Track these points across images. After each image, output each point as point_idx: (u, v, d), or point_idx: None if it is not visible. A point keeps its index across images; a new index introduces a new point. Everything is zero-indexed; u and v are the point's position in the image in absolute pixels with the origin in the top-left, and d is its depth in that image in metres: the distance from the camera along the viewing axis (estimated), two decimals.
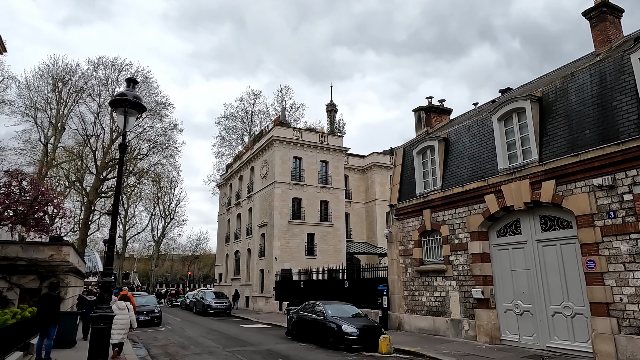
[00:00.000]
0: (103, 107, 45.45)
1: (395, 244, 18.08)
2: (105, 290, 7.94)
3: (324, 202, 34.30)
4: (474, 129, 15.47)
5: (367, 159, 41.35)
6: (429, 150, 17.14)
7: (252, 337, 16.46)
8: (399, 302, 17.39)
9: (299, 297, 26.58)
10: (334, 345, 13.26)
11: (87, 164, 47.97)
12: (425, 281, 16.20)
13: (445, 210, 15.64)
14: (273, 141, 33.17)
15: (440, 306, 15.38)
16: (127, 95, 8.61)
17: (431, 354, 12.11)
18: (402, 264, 17.53)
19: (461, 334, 14.31)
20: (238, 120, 60.28)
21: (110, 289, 8.08)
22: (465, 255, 14.53)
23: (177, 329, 19.98)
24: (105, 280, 8.02)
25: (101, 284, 8.03)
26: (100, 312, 7.67)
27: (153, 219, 68.77)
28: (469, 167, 15.12)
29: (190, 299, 35.96)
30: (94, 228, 56.68)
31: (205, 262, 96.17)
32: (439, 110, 20.42)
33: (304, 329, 15.26)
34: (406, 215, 17.58)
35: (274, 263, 30.99)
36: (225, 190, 47.47)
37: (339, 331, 13.17)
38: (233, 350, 13.13)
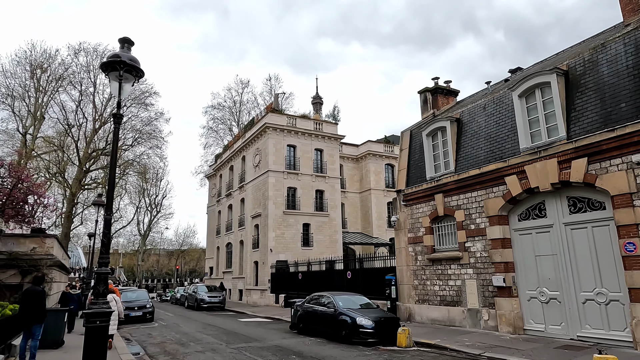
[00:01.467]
0: (85, 95, 43.47)
1: (404, 231, 17.17)
2: (100, 283, 6.78)
3: (320, 191, 33.28)
4: (490, 107, 14.58)
5: (362, 148, 40.41)
6: (440, 131, 16.21)
7: (255, 332, 15.42)
8: (409, 292, 16.53)
9: (296, 289, 25.65)
10: (347, 339, 12.31)
11: (69, 155, 45.98)
12: (438, 269, 15.35)
13: (460, 195, 14.76)
14: (266, 128, 31.92)
15: (456, 295, 14.55)
16: (121, 57, 7.40)
17: (453, 346, 11.26)
18: (412, 252, 16.65)
19: (480, 324, 13.51)
20: (226, 110, 58.68)
21: (107, 281, 6.93)
22: (484, 241, 13.69)
23: (172, 325, 18.82)
24: (102, 271, 6.86)
25: (96, 275, 6.87)
26: (97, 308, 6.53)
27: (139, 212, 66.92)
28: (485, 148, 14.24)
29: (182, 293, 34.72)
30: (77, 222, 54.72)
31: (191, 257, 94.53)
32: (446, 91, 19.49)
33: (312, 322, 14.27)
34: (416, 201, 16.67)
35: (269, 255, 29.91)
36: (215, 181, 46.05)
37: (353, 324, 12.22)
38: (238, 347, 12.07)
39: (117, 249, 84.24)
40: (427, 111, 19.31)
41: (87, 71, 43.31)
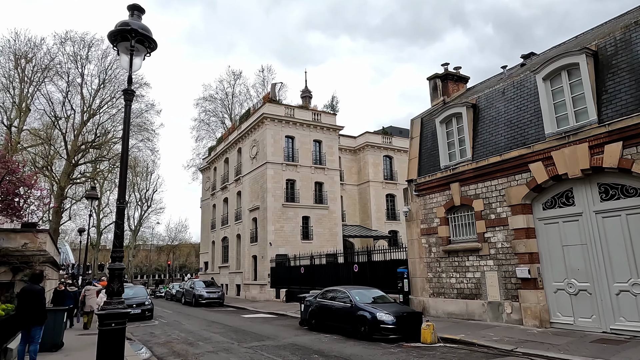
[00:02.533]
0: (72, 85, 41.98)
1: (416, 222, 16.54)
2: (115, 280, 5.97)
3: (319, 183, 32.53)
4: (510, 92, 13.94)
5: (359, 139, 39.71)
6: (455, 118, 15.55)
7: (264, 329, 14.68)
8: (422, 285, 15.94)
9: (299, 283, 24.98)
10: (366, 336, 11.64)
11: (56, 148, 44.48)
12: (455, 261, 14.76)
13: (478, 183, 14.14)
14: (264, 119, 31.00)
15: (474, 288, 13.98)
16: (132, 26, 6.53)
17: (481, 341, 10.67)
18: (425, 244, 16.03)
19: (502, 317, 12.96)
20: (218, 102, 57.45)
21: (122, 278, 6.12)
22: (505, 232, 13.11)
23: (173, 322, 17.99)
24: (116, 267, 6.06)
25: (110, 271, 6.06)
26: (111, 309, 5.73)
27: (129, 207, 65.47)
28: (506, 134, 13.62)
29: (177, 289, 33.82)
30: (65, 217, 53.23)
31: (181, 252, 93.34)
32: (456, 78, 18.85)
33: (326, 318, 13.58)
34: (429, 191, 16.03)
35: (268, 248, 29.14)
36: (209, 174, 44.98)
37: (373, 320, 11.55)
38: (252, 346, 11.33)
39: (105, 244, 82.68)
40: (437, 98, 18.64)
41: (74, 61, 41.85)
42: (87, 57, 42.27)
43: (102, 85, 42.71)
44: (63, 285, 16.01)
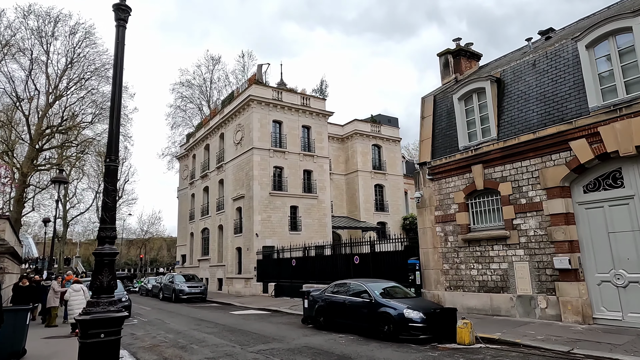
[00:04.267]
0: (36, 63, 38.55)
1: (429, 209, 15.07)
2: (104, 271, 4.11)
3: (307, 171, 30.76)
4: (543, 63, 12.57)
5: (347, 127, 38.14)
6: (476, 94, 14.11)
7: (264, 329, 12.91)
8: (437, 278, 14.51)
9: (290, 277, 23.28)
10: (391, 336, 10.06)
11: (18, 131, 40.94)
12: (476, 251, 13.37)
13: (505, 165, 12.75)
14: (250, 101, 28.91)
15: (500, 280, 12.63)
16: None
17: (525, 341, 9.28)
18: (440, 233, 14.59)
19: (534, 313, 11.64)
20: (195, 88, 54.66)
21: (113, 267, 4.27)
22: (539, 217, 11.77)
23: (155, 321, 15.95)
24: (106, 252, 4.20)
25: (97, 256, 4.19)
26: (100, 312, 3.90)
27: (98, 198, 61.86)
28: (538, 110, 12.25)
29: (153, 284, 31.45)
30: (27, 208, 49.50)
31: (152, 246, 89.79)
32: (469, 54, 17.44)
33: (337, 315, 11.93)
34: (445, 174, 14.57)
35: (254, 240, 27.21)
36: (187, 162, 42.43)
37: (400, 318, 9.97)
38: (259, 350, 9.56)
39: (71, 238, 78.32)
40: (448, 76, 17.18)
41: (38, 37, 38.39)
42: (53, 34, 38.90)
43: (69, 65, 39.46)
44: (27, 280, 13.72)
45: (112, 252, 4.17)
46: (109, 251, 4.15)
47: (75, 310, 12.16)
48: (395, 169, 39.11)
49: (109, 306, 3.98)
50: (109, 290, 4.06)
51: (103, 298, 4.02)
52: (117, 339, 4.00)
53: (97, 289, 4.04)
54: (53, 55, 40.52)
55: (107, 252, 4.14)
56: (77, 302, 12.43)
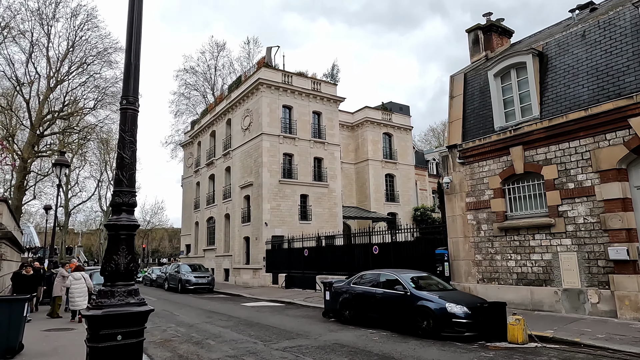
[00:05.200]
0: (36, 46, 37.29)
1: (459, 195, 13.96)
2: (120, 249, 3.02)
3: (318, 159, 29.61)
4: (594, 33, 11.37)
5: (357, 115, 36.90)
6: (515, 70, 12.92)
7: (283, 322, 11.87)
8: (468, 270, 13.44)
9: (302, 267, 22.26)
10: (431, 333, 9.00)
11: (19, 117, 39.82)
12: (514, 241, 12.27)
13: (550, 146, 11.60)
14: (259, 85, 27.68)
15: (543, 272, 11.54)
16: None
17: (585, 340, 8.22)
18: (472, 221, 13.49)
19: (583, 308, 10.56)
20: (200, 75, 53.37)
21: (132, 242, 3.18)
22: (590, 203, 10.64)
23: (163, 313, 14.95)
24: (121, 222, 3.12)
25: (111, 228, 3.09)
26: (115, 305, 2.81)
27: (100, 187, 60.95)
28: (590, 85, 11.07)
29: (158, 274, 30.52)
30: (29, 196, 48.58)
31: (153, 237, 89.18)
32: (500, 30, 16.19)
33: (366, 309, 10.86)
34: (479, 157, 13.43)
35: (263, 229, 26.15)
36: (192, 149, 41.28)
37: (442, 313, 8.90)
38: (284, 347, 8.50)
39: (73, 228, 77.51)
40: (478, 53, 15.95)
41: (39, 19, 37.09)
42: (54, 16, 37.60)
43: (71, 48, 38.18)
44: (31, 269, 12.74)
45: (131, 224, 3.10)
46: (127, 222, 3.06)
47: (76, 299, 12.06)
48: (407, 158, 37.93)
49: (127, 297, 2.91)
50: (127, 275, 2.98)
51: (119, 286, 2.95)
52: (139, 342, 2.93)
53: (111, 274, 2.96)
54: (54, 39, 39.39)
55: (124, 223, 3.05)
56: (78, 291, 12.25)
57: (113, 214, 3.13)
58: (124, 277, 2.98)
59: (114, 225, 3.04)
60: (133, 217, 3.15)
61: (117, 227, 3.04)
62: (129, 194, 3.15)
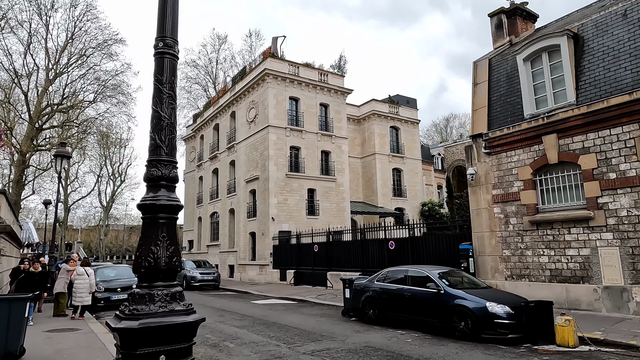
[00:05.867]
0: (35, 37, 36.36)
1: (485, 187, 13.20)
2: (156, 235, 2.23)
3: (325, 152, 28.82)
4: (638, 12, 10.57)
5: (364, 108, 36.07)
6: (546, 53, 12.13)
7: (301, 322, 11.12)
8: (494, 266, 12.70)
9: (311, 264, 21.55)
10: (470, 335, 8.26)
11: (17, 109, 38.93)
12: (548, 235, 11.52)
13: (588, 133, 10.84)
14: (266, 76, 26.83)
15: (580, 269, 10.80)
16: None
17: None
18: (499, 214, 12.73)
19: (627, 307, 9.83)
20: (201, 68, 52.41)
21: (174, 228, 2.41)
22: (635, 195, 9.89)
23: None
24: (161, 201, 2.33)
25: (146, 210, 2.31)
26: (158, 315, 2.07)
27: (100, 182, 60.08)
28: (632, 68, 10.30)
29: None
30: (27, 191, 47.77)
31: None
32: (525, 14, 15.39)
33: (394, 308, 10.11)
34: (507, 147, 12.66)
35: (270, 224, 25.39)
36: (194, 144, 40.44)
37: (482, 313, 8.16)
38: (312, 350, 7.76)
39: (72, 224, 76.64)
40: (501, 38, 15.14)
41: (37, 9, 36.16)
42: (53, 6, 36.66)
43: (70, 40, 37.27)
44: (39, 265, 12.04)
45: (174, 204, 2.33)
46: (168, 202, 2.29)
47: (79, 294, 11.78)
48: (414, 152, 37.14)
49: (171, 302, 2.15)
50: (169, 273, 2.22)
51: (159, 288, 2.19)
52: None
53: (148, 271, 2.19)
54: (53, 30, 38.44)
55: (164, 203, 2.28)
56: (82, 285, 11.93)
57: (149, 190, 2.35)
58: (166, 275, 2.21)
59: (152, 206, 2.26)
60: (175, 196, 2.38)
61: (156, 208, 2.26)
62: (169, 165, 2.38)
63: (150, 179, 2.34)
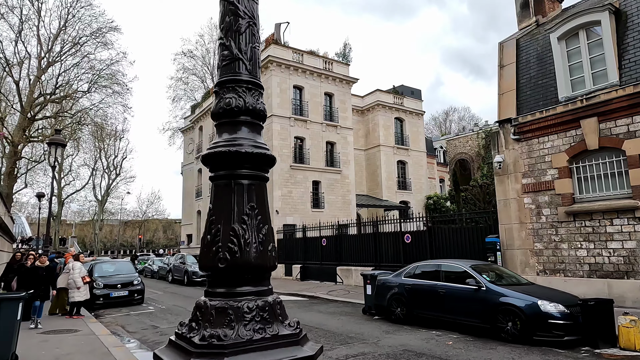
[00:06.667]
0: (27, 23, 35.08)
1: (514, 176, 12.32)
2: (246, 203, 1.27)
3: (330, 143, 27.88)
4: None
5: (368, 99, 35.10)
6: (584, 31, 11.23)
7: (322, 322, 10.22)
8: (525, 260, 11.85)
9: (319, 258, 20.67)
10: (519, 337, 7.39)
11: (9, 100, 37.60)
12: (586, 227, 10.67)
13: (634, 116, 9.96)
14: (269, 63, 25.78)
15: (624, 263, 9.97)
16: None
17: None
18: (530, 205, 11.87)
19: None
20: (198, 59, 51.16)
21: (265, 195, 1.48)
22: None
23: (175, 309, 13.24)
24: (246, 149, 1.32)
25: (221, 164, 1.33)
26: (249, 346, 1.07)
27: (95, 175, 58.74)
28: None
29: (160, 265, 28.77)
30: (20, 184, 46.41)
31: (147, 228, 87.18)
32: None
33: (427, 306, 9.21)
34: (539, 132, 11.76)
35: (274, 217, 24.41)
36: (192, 135, 39.32)
37: (534, 312, 7.29)
38: (345, 355, 6.87)
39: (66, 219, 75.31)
40: (527, 18, 14.20)
41: None
42: None
43: (63, 27, 35.96)
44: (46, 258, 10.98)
45: (263, 154, 1.39)
46: (256, 149, 1.34)
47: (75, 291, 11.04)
48: (418, 144, 36.27)
49: (270, 322, 1.19)
50: (261, 271, 1.29)
51: (248, 297, 1.24)
52: None
53: (229, 269, 1.26)
54: (45, 17, 36.97)
55: (249, 151, 1.33)
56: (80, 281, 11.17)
57: (221, 131, 1.41)
58: (256, 274, 1.28)
59: (228, 155, 1.29)
60: (262, 144, 1.45)
61: (236, 157, 1.30)
62: (253, 90, 1.45)
63: (224, 112, 1.39)
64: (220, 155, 1.37)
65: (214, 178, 1.44)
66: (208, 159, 1.43)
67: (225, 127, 1.44)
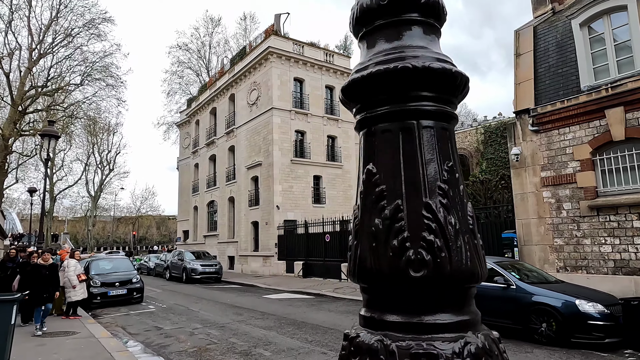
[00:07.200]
0: (17, 13, 34.08)
1: (532, 169, 11.83)
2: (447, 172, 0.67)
3: (331, 137, 27.31)
4: None
5: None
6: (608, 17, 10.73)
7: (337, 322, 9.69)
8: (544, 256, 11.38)
9: (322, 255, 20.27)
10: (555, 338, 6.89)
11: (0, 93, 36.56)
12: (610, 222, 10.21)
13: None
14: (269, 55, 25.08)
15: None
16: None
17: None
18: (550, 199, 11.38)
19: None
20: (193, 53, 50.27)
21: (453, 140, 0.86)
22: None
23: (177, 308, 12.63)
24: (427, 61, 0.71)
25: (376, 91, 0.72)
26: None
27: (87, 171, 57.66)
28: None
29: (157, 262, 28.12)
30: (11, 179, 45.40)
31: (141, 224, 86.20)
32: None
33: None
34: (560, 123, 11.27)
35: (275, 213, 23.84)
36: (189, 129, 38.50)
37: (572, 313, 6.80)
38: None
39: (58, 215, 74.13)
40: (543, 6, 13.67)
41: None
42: None
43: (55, 18, 34.96)
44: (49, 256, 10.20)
45: (456, 75, 0.82)
46: (441, 65, 0.77)
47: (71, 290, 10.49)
48: None
49: None
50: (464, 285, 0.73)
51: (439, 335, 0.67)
52: None
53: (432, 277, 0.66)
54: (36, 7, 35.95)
55: (435, 67, 0.76)
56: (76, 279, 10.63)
57: (374, 41, 0.81)
58: (461, 290, 0.73)
59: (408, 73, 0.69)
60: (445, 54, 0.85)
61: (420, 79, 0.73)
62: None
63: (380, 7, 0.79)
64: (389, 76, 0.77)
65: (372, 120, 0.85)
66: (360, 86, 0.82)
67: (385, 31, 0.83)
